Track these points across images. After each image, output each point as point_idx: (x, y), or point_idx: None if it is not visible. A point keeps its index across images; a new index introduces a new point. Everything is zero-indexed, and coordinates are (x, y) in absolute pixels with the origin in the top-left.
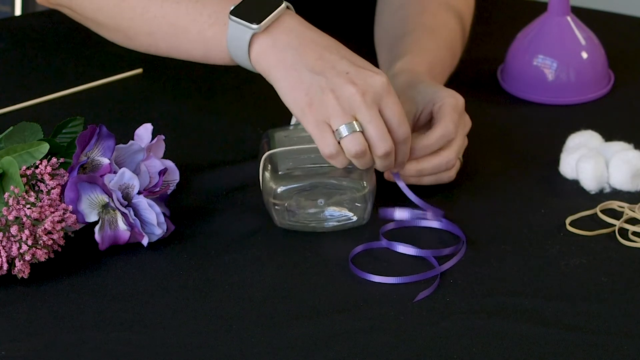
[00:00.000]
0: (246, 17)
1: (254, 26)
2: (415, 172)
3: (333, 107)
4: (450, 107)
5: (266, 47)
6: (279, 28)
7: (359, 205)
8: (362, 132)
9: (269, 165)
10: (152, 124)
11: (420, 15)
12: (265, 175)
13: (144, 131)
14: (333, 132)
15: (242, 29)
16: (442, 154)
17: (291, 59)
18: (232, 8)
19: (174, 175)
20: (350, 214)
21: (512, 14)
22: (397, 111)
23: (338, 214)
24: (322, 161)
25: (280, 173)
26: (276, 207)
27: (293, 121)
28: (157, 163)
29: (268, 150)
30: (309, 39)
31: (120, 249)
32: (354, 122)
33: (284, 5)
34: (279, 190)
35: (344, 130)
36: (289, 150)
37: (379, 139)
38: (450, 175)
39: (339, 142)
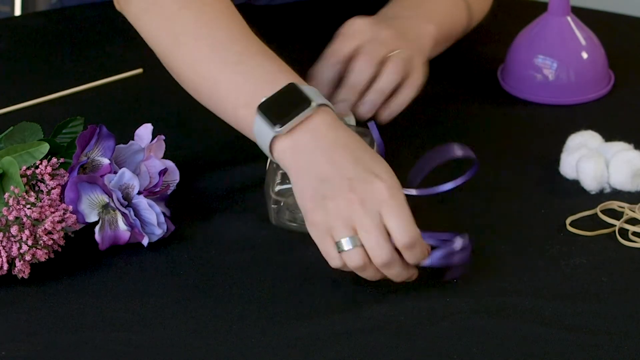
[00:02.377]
0: (272, 115)
1: (277, 128)
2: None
3: (333, 218)
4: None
5: (286, 148)
6: (302, 129)
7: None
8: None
9: (274, 164)
10: (152, 124)
11: None
12: (269, 173)
13: (144, 131)
14: (335, 243)
15: (265, 127)
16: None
17: (304, 163)
18: (262, 100)
19: (174, 175)
20: None
21: (512, 14)
22: (399, 218)
23: None
24: None
25: (281, 172)
26: (274, 205)
27: None
28: (157, 163)
29: None
30: (328, 141)
31: (120, 249)
32: (355, 235)
33: (313, 105)
34: (277, 188)
35: (344, 244)
36: None
37: (375, 249)
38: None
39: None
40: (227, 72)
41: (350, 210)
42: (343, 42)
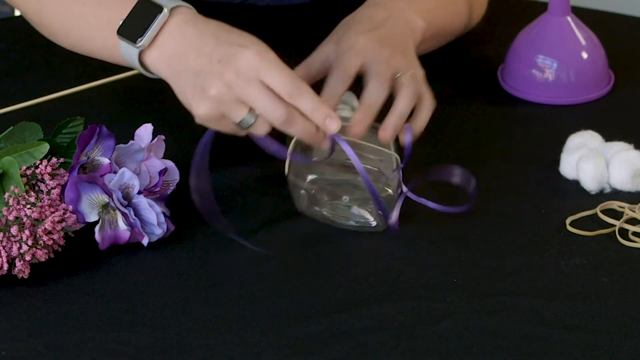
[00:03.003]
0: (131, 34)
1: (139, 44)
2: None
3: (221, 104)
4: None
5: (155, 59)
6: (164, 35)
7: (381, 212)
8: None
9: (301, 148)
10: (152, 124)
11: None
12: (296, 157)
13: (144, 131)
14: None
15: (129, 47)
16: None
17: (176, 65)
18: (120, 24)
19: (174, 175)
20: (371, 218)
21: (512, 14)
22: (274, 74)
23: (359, 215)
24: (360, 160)
25: (314, 159)
26: (301, 191)
27: None
28: (157, 163)
29: None
30: (191, 36)
31: (120, 249)
32: (250, 110)
33: (165, 11)
34: (309, 177)
35: (245, 123)
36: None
37: (270, 112)
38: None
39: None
40: (89, 7)
41: (232, 89)
42: (350, 59)
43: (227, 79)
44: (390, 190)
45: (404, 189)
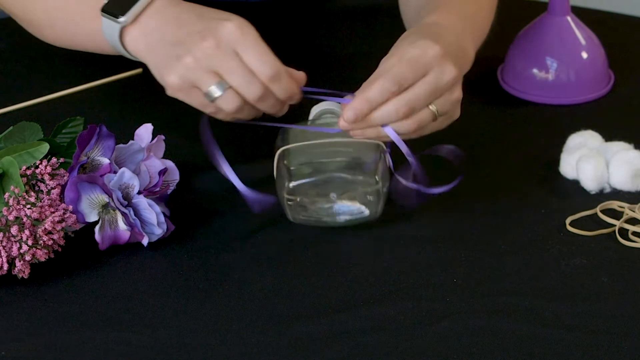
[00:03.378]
0: (114, 11)
1: (121, 19)
2: (353, 116)
3: (194, 71)
4: (407, 58)
5: (135, 36)
6: (147, 13)
7: (371, 199)
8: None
9: (284, 161)
10: (152, 124)
11: None
12: (279, 170)
13: (144, 131)
14: (204, 95)
15: (111, 24)
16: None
17: (154, 40)
18: (105, 1)
19: (174, 175)
20: (363, 208)
21: (512, 14)
22: (254, 51)
23: (351, 208)
24: (335, 155)
25: (292, 168)
26: (289, 202)
27: (311, 117)
28: (157, 163)
29: (283, 146)
30: (172, 14)
31: (120, 249)
32: (221, 80)
33: None
34: (291, 185)
35: (213, 92)
36: (303, 145)
37: (244, 86)
38: (409, 124)
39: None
40: None
41: (208, 57)
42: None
43: (205, 47)
44: (377, 178)
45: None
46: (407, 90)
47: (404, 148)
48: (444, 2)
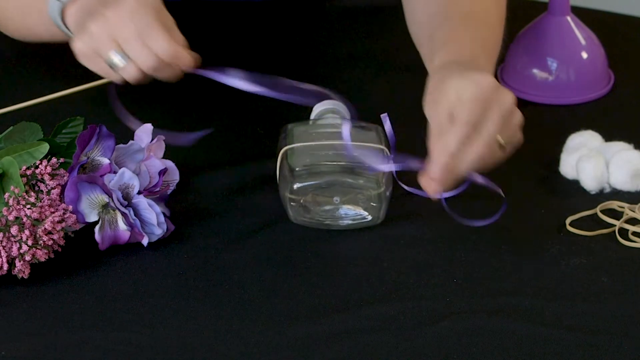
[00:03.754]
0: None
1: None
2: (440, 173)
3: (96, 39)
4: (467, 98)
5: (72, 13)
6: None
7: (374, 204)
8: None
9: (287, 160)
10: (152, 124)
11: (454, 3)
12: (282, 170)
13: (144, 131)
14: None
15: (54, 3)
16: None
17: (80, 13)
18: None
19: (174, 175)
20: (365, 213)
21: (512, 14)
22: (154, 35)
23: (353, 213)
24: (340, 158)
25: (296, 170)
26: (292, 203)
27: (312, 116)
28: (157, 163)
29: (286, 145)
30: None
31: (120, 249)
32: (121, 51)
33: None
34: (296, 186)
35: (113, 59)
36: (307, 145)
37: (139, 57)
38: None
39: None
40: None
41: (109, 28)
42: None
43: (108, 16)
44: (381, 183)
45: (400, 184)
46: (480, 131)
47: (486, 183)
48: (457, 29)
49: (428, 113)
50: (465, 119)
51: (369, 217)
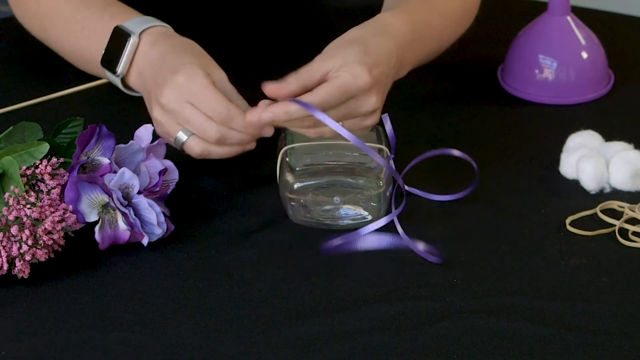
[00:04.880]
0: (110, 64)
1: (118, 72)
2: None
3: (162, 125)
4: (337, 85)
5: (133, 80)
6: (138, 58)
7: (374, 204)
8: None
9: (287, 160)
10: (152, 124)
11: None
12: (282, 169)
13: (144, 132)
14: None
15: (112, 77)
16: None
17: (141, 86)
18: (103, 53)
19: (174, 175)
20: (365, 213)
21: (512, 14)
22: (203, 100)
23: (353, 213)
24: (340, 158)
25: (297, 169)
26: (292, 202)
27: None
28: (157, 163)
29: (286, 145)
30: (153, 58)
31: (120, 249)
32: (185, 128)
33: (134, 38)
34: (296, 186)
35: (180, 139)
36: (307, 145)
37: (202, 132)
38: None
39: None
40: (81, 41)
41: (167, 113)
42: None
43: (162, 103)
44: (381, 183)
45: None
46: (324, 111)
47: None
48: (407, 6)
49: (319, 56)
50: (319, 97)
51: (369, 217)
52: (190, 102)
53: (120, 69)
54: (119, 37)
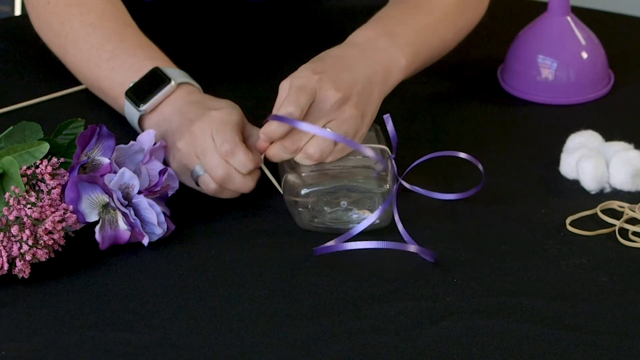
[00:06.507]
0: (136, 97)
1: (141, 108)
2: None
3: (183, 155)
4: (284, 87)
5: (151, 124)
6: (165, 104)
7: (381, 206)
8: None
9: (291, 165)
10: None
11: None
12: (287, 175)
13: (147, 136)
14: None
15: (132, 109)
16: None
17: (164, 128)
18: (130, 85)
19: (174, 183)
20: (375, 216)
21: (512, 14)
22: (219, 135)
23: (361, 217)
24: (345, 162)
25: (304, 174)
26: (299, 208)
27: None
28: (157, 166)
29: None
30: (183, 104)
31: (120, 249)
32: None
33: (173, 83)
34: (303, 191)
35: (195, 172)
36: None
37: (210, 169)
38: (313, 153)
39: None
40: (103, 70)
41: (191, 143)
42: (300, 96)
43: (193, 132)
44: (387, 185)
45: (400, 181)
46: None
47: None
48: (393, 13)
49: (289, 81)
50: (284, 106)
51: (377, 220)
52: (213, 134)
53: (146, 106)
54: (155, 78)
